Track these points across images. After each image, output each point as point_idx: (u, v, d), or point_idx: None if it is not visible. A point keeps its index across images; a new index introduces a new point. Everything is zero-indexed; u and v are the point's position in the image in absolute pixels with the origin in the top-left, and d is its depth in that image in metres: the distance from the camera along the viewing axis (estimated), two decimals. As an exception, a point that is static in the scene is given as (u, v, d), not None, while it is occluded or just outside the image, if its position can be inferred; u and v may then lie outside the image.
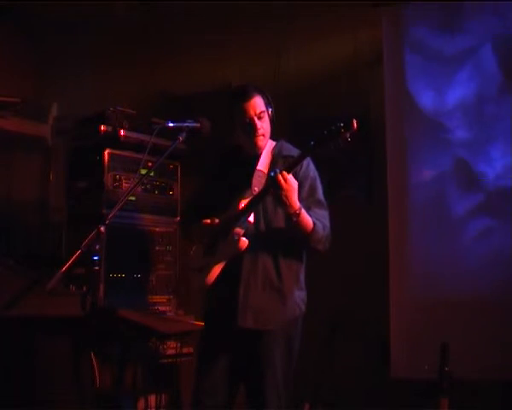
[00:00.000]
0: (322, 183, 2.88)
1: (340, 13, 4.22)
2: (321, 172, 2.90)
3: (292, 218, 2.64)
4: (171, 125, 2.71)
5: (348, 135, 2.48)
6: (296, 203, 2.60)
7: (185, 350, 3.62)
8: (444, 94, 3.92)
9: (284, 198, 2.58)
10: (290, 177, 2.57)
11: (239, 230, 2.74)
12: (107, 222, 2.40)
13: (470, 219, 3.82)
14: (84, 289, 3.26)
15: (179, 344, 3.59)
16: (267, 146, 2.88)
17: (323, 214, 2.79)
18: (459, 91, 3.87)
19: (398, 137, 4.04)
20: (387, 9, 4.08)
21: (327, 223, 2.78)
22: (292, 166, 2.61)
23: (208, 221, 2.83)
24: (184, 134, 2.70)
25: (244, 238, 2.73)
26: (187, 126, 2.72)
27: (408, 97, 4.01)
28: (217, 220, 2.82)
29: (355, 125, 2.47)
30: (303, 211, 2.64)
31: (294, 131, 3.87)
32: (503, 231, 3.70)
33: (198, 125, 2.76)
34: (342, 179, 4.12)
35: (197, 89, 4.68)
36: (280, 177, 2.55)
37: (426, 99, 3.98)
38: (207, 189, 3.03)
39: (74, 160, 3.85)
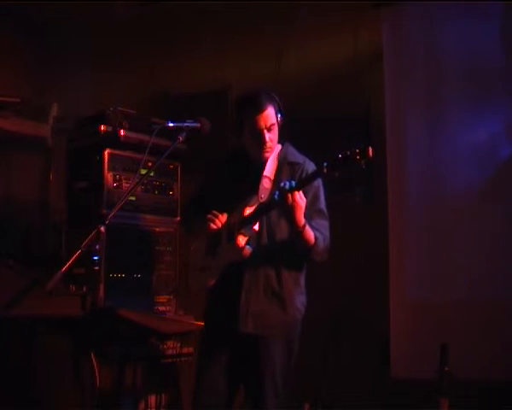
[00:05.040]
0: (322, 183, 2.87)
1: (340, 13, 4.22)
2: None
3: (295, 233, 2.64)
4: (171, 125, 2.71)
5: (363, 162, 2.42)
6: (301, 221, 2.59)
7: (185, 350, 3.62)
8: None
9: (290, 215, 2.57)
10: (299, 195, 2.55)
11: (243, 237, 2.74)
12: (107, 222, 2.40)
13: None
14: (84, 289, 3.27)
15: (179, 344, 3.59)
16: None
17: (324, 225, 2.79)
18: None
19: (398, 137, 4.04)
20: (387, 9, 4.09)
21: (327, 234, 2.78)
22: (302, 185, 2.58)
23: (217, 215, 2.81)
24: (184, 134, 2.70)
25: (248, 246, 2.73)
26: (187, 126, 2.72)
27: (408, 97, 4.02)
28: (225, 216, 2.81)
29: (371, 152, 2.40)
30: (307, 227, 2.63)
31: (294, 132, 3.87)
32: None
33: (198, 125, 2.76)
34: (342, 180, 4.11)
35: (197, 89, 4.69)
36: (289, 195, 2.53)
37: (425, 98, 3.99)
38: (210, 188, 3.02)
39: (74, 160, 3.85)
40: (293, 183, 2.56)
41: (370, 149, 2.40)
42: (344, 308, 3.95)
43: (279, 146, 2.91)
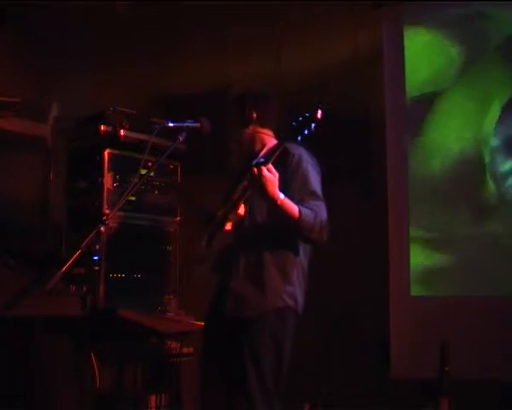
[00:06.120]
0: (323, 182, 2.85)
1: (340, 13, 4.22)
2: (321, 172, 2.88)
3: (274, 208, 2.63)
4: (171, 125, 2.71)
5: (313, 125, 2.49)
6: (275, 194, 2.58)
7: (185, 350, 3.62)
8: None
9: (261, 190, 2.57)
10: (267, 169, 2.54)
11: (231, 222, 2.76)
12: (107, 222, 2.41)
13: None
14: (84, 289, 3.27)
15: (179, 344, 3.59)
16: (269, 144, 2.90)
17: (317, 204, 2.72)
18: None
19: (397, 137, 4.04)
20: (387, 9, 4.10)
21: (321, 212, 2.70)
22: (268, 158, 2.59)
23: None
24: (184, 134, 2.70)
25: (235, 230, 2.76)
26: (187, 126, 2.73)
27: (408, 97, 4.02)
28: None
29: (319, 115, 2.48)
30: (286, 201, 2.61)
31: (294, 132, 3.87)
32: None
33: (198, 125, 2.76)
34: (342, 179, 4.12)
35: (197, 89, 4.69)
36: (254, 170, 2.55)
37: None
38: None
39: (74, 160, 3.85)
40: (262, 159, 2.60)
41: (319, 112, 2.49)
42: (344, 308, 3.95)
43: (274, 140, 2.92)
